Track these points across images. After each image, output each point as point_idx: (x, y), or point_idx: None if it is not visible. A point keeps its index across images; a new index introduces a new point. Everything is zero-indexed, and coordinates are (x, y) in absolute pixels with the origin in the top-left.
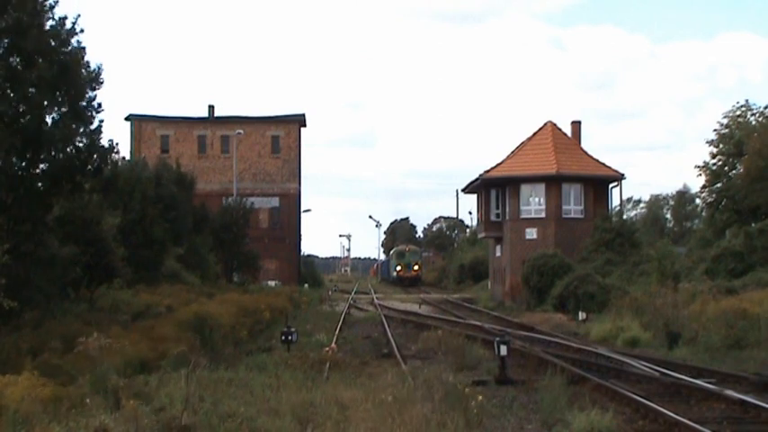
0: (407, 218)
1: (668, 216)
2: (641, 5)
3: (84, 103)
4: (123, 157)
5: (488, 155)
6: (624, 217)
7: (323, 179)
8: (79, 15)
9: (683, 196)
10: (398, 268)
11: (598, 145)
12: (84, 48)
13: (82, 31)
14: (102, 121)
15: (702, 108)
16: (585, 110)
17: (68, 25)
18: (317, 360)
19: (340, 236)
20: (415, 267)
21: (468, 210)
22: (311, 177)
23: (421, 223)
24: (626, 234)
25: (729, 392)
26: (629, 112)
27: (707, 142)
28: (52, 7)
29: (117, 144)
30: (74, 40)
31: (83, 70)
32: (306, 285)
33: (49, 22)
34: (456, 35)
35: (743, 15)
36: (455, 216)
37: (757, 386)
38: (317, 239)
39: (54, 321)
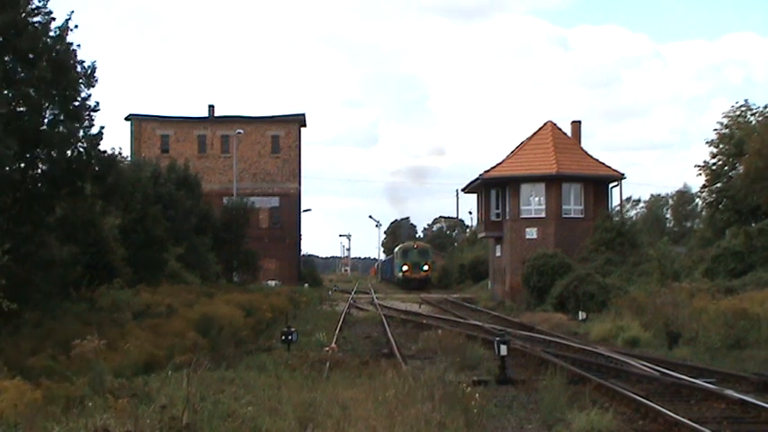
0: (408, 218)
1: (668, 216)
2: (645, 5)
3: (79, 103)
4: (124, 157)
5: (488, 155)
6: (624, 216)
7: (323, 179)
8: (72, 12)
9: (683, 196)
10: (405, 268)
11: (600, 143)
12: (77, 46)
13: (77, 26)
14: (102, 127)
15: (708, 107)
16: (588, 108)
17: (61, 22)
18: (318, 360)
19: (340, 236)
20: (425, 268)
21: (468, 210)
22: (311, 177)
23: (421, 223)
24: (626, 234)
25: (729, 392)
26: (632, 110)
27: (707, 142)
28: (45, 5)
29: (120, 151)
30: (67, 37)
31: (77, 67)
32: (306, 285)
33: (40, 19)
34: (457, 33)
35: (747, 16)
36: (455, 216)
37: (757, 386)
38: (317, 239)
39: (54, 322)
